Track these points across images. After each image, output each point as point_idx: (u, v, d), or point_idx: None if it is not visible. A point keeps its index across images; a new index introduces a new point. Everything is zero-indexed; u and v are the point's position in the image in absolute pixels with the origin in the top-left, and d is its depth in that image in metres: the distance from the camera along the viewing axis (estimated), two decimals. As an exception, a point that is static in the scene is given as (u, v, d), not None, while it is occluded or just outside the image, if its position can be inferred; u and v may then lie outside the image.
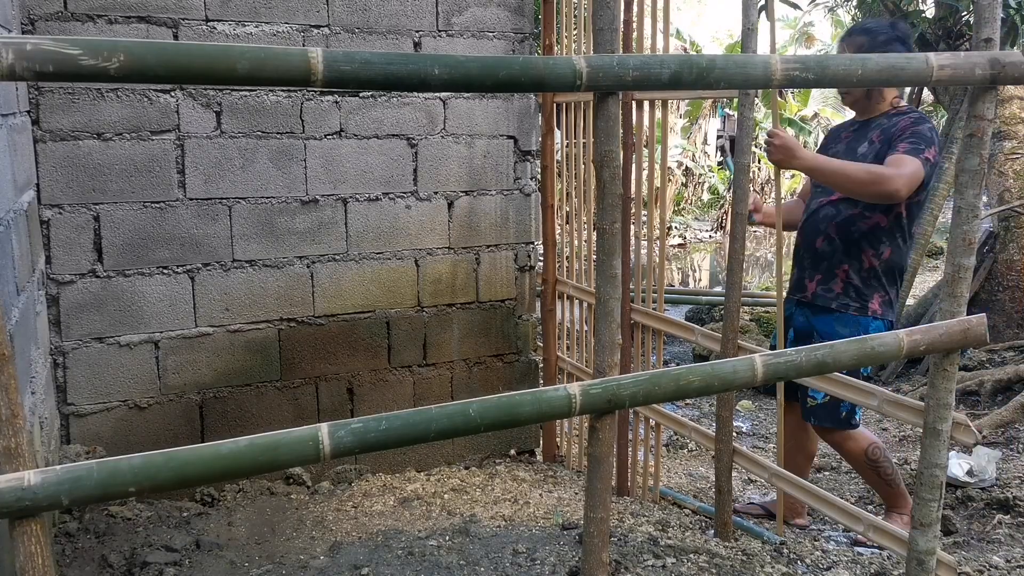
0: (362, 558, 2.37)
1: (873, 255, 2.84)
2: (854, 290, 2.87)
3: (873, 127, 2.89)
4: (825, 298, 2.91)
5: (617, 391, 1.52)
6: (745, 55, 2.35)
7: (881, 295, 2.87)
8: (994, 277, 5.59)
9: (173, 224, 2.96)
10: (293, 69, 1.23)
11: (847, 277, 2.87)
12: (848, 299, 2.87)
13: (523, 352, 3.66)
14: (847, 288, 2.87)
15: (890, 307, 2.89)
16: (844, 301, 2.88)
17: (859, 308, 2.86)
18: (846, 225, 2.85)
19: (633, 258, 3.33)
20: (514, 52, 3.47)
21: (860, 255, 2.84)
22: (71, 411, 2.88)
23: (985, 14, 1.71)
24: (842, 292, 2.88)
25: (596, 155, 1.53)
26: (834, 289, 2.89)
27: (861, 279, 2.85)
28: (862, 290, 2.86)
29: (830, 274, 2.90)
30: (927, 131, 2.76)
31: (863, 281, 2.85)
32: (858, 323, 2.84)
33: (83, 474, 1.18)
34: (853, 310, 2.86)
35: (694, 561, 2.37)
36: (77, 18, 2.74)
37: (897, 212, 2.80)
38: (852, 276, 2.86)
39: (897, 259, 2.86)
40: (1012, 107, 5.72)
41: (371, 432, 1.34)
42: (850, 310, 2.87)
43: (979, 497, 3.27)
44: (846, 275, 2.87)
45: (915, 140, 2.73)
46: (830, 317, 2.89)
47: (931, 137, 2.75)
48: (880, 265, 2.84)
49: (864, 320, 2.85)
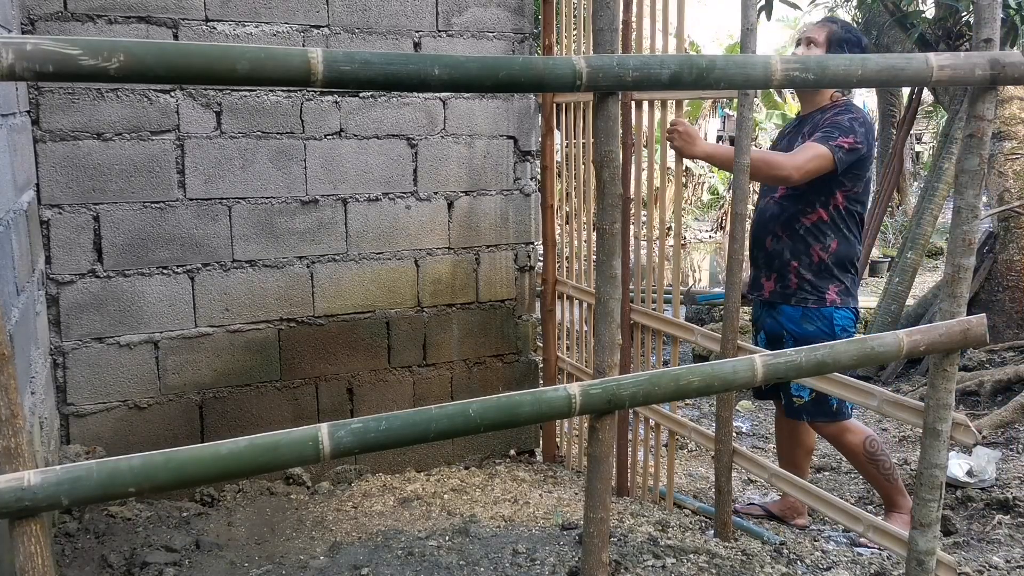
0: (362, 558, 2.37)
1: (820, 249, 2.90)
2: (808, 284, 2.92)
3: (808, 123, 2.98)
4: (783, 295, 2.97)
5: (617, 391, 1.52)
6: (745, 55, 2.35)
7: (836, 285, 2.92)
8: (994, 277, 5.58)
9: (173, 224, 2.96)
10: (293, 69, 1.23)
11: (798, 273, 2.93)
12: (804, 293, 2.93)
13: (523, 352, 3.66)
14: (801, 283, 2.93)
15: (848, 295, 2.95)
16: (801, 296, 2.94)
17: (817, 300, 2.91)
18: (790, 222, 2.93)
19: (633, 258, 3.33)
20: (514, 52, 3.47)
21: (808, 250, 2.91)
22: (71, 411, 2.88)
23: (985, 14, 1.71)
24: (797, 287, 2.94)
25: (596, 155, 1.53)
26: (789, 286, 2.95)
27: (813, 273, 2.91)
28: (815, 283, 2.92)
29: (783, 272, 2.96)
30: (847, 121, 2.83)
31: (815, 275, 2.91)
32: (821, 315, 2.91)
33: (83, 474, 1.18)
34: (812, 303, 2.92)
35: (694, 561, 2.37)
36: (77, 18, 2.74)
37: (835, 205, 2.87)
38: (803, 271, 2.92)
39: (846, 250, 2.91)
40: (1012, 107, 5.72)
41: (371, 432, 1.34)
42: (808, 303, 2.92)
43: (979, 497, 3.27)
44: (797, 271, 2.93)
45: (829, 130, 2.82)
46: (793, 313, 2.95)
47: (849, 126, 2.81)
48: (829, 258, 2.90)
49: (826, 311, 2.91)
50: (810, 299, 2.92)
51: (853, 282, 2.98)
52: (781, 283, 2.97)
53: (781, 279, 2.97)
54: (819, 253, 2.90)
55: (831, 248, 2.90)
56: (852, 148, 2.79)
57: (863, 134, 2.83)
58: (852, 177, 2.86)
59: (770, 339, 3.02)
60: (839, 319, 2.92)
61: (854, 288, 2.99)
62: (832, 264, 2.91)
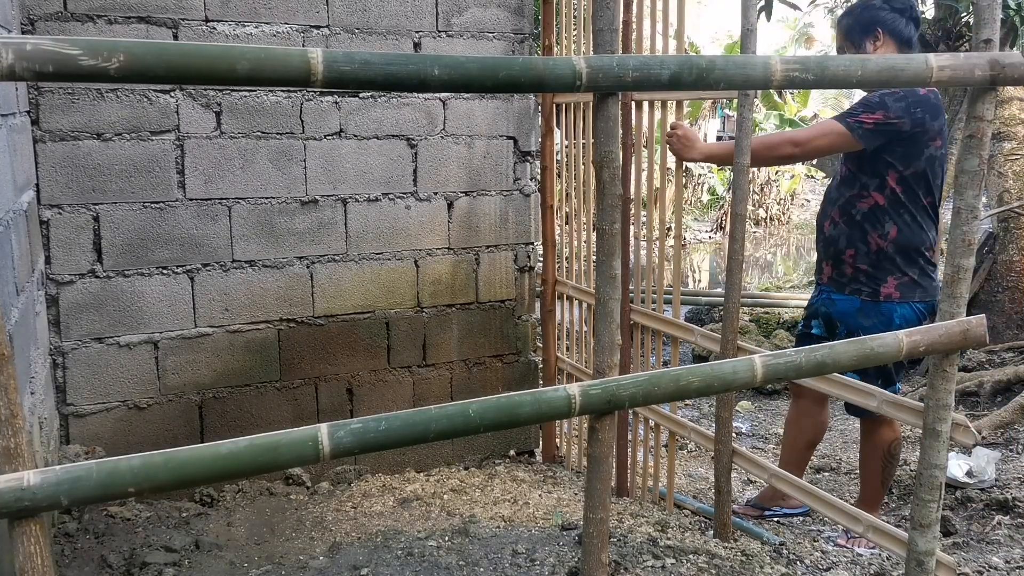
0: (361, 559, 2.37)
1: (879, 236, 2.74)
2: (864, 275, 2.78)
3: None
4: (839, 283, 2.85)
5: (616, 392, 1.52)
6: (745, 55, 2.35)
7: (897, 277, 2.74)
8: (993, 278, 5.59)
9: (173, 224, 2.96)
10: (293, 69, 1.23)
11: (854, 261, 2.79)
12: (859, 284, 2.79)
13: (523, 353, 3.66)
14: (856, 273, 2.79)
15: (915, 287, 2.74)
16: (856, 286, 2.80)
17: (871, 292, 2.76)
18: (847, 207, 2.81)
19: (632, 259, 3.34)
20: (514, 53, 3.47)
21: (865, 237, 2.76)
22: (70, 411, 2.88)
23: (984, 15, 1.71)
24: (852, 277, 2.81)
25: (596, 156, 1.53)
26: (846, 273, 2.83)
27: (870, 262, 2.76)
28: (872, 274, 2.77)
29: (839, 259, 2.84)
30: (877, 97, 2.67)
31: (873, 264, 2.76)
32: (879, 311, 2.75)
33: (82, 474, 1.18)
34: (866, 295, 2.77)
35: (693, 562, 2.37)
36: (77, 18, 2.74)
37: (891, 188, 2.70)
38: (859, 260, 2.78)
39: (908, 237, 2.72)
40: (1011, 108, 5.72)
41: (370, 433, 1.34)
42: (863, 294, 2.79)
43: (978, 498, 3.27)
44: (853, 259, 2.79)
45: (856, 107, 2.72)
46: (849, 305, 2.82)
47: (880, 101, 2.64)
48: (889, 246, 2.73)
49: (885, 307, 2.74)
50: (864, 290, 2.77)
51: (922, 273, 2.75)
52: (837, 270, 2.85)
53: (837, 266, 2.85)
54: (877, 241, 2.73)
55: (890, 235, 2.72)
56: (880, 124, 2.63)
57: (901, 108, 2.63)
58: (902, 157, 2.67)
59: (827, 326, 2.90)
60: (899, 317, 2.72)
61: (924, 280, 2.76)
62: (894, 253, 2.72)
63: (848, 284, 2.83)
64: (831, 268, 2.89)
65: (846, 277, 2.84)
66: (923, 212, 2.74)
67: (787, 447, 3.22)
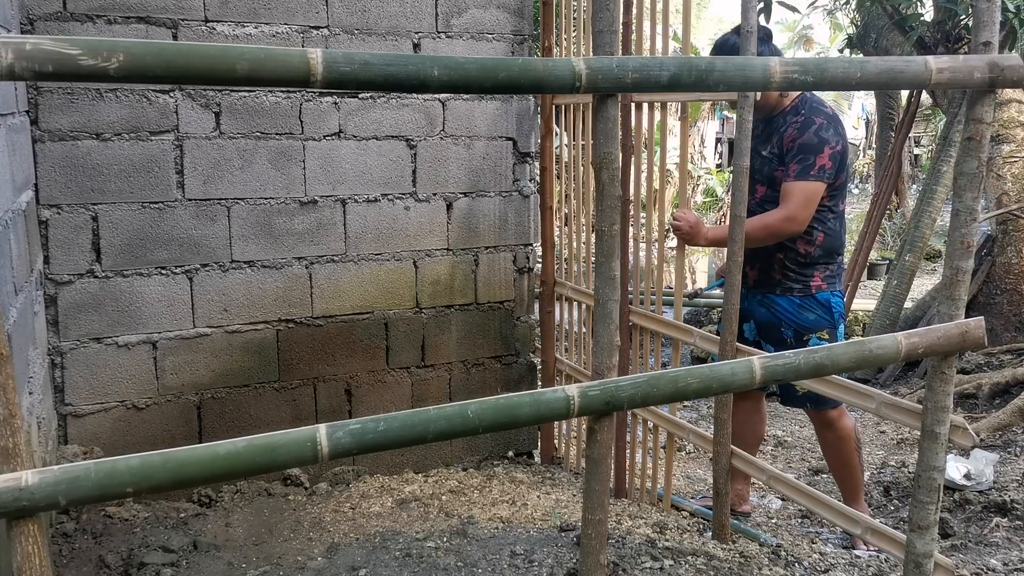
0: (359, 559, 2.37)
1: (806, 244, 2.91)
2: (792, 273, 2.94)
3: (774, 128, 2.96)
4: (768, 284, 2.99)
5: (615, 393, 1.52)
6: (744, 57, 2.36)
7: (820, 271, 2.94)
8: (992, 280, 5.60)
9: (171, 225, 2.96)
10: (293, 70, 1.23)
11: (782, 267, 2.95)
12: (789, 283, 2.95)
13: (521, 354, 3.66)
14: (785, 274, 2.95)
15: (834, 279, 2.97)
16: (786, 285, 2.95)
17: (802, 289, 2.94)
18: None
19: (632, 260, 3.34)
20: (513, 54, 3.47)
21: (794, 244, 2.92)
22: (69, 411, 2.88)
23: (984, 18, 1.71)
24: (782, 278, 2.96)
25: (595, 157, 1.53)
26: (774, 277, 2.98)
27: (798, 265, 2.93)
28: (800, 273, 2.94)
29: (767, 264, 2.98)
30: (813, 137, 2.81)
31: (800, 267, 2.93)
32: (817, 302, 2.93)
33: (80, 474, 1.18)
34: (797, 292, 2.94)
35: (692, 563, 2.37)
36: (76, 18, 2.74)
37: (820, 202, 2.85)
38: (788, 264, 2.94)
39: (832, 241, 2.93)
40: (1010, 110, 5.73)
41: (369, 433, 1.34)
42: (794, 292, 2.94)
43: (977, 500, 3.27)
44: (782, 263, 2.95)
45: (802, 157, 2.82)
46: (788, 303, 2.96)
47: (818, 142, 2.80)
48: (816, 251, 2.92)
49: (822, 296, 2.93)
50: (795, 288, 2.94)
51: (838, 267, 2.99)
52: (765, 275, 2.99)
53: (765, 270, 2.99)
54: (806, 247, 2.91)
55: (818, 241, 2.91)
56: (833, 157, 2.80)
57: (832, 134, 2.83)
58: (835, 172, 2.85)
59: (761, 328, 3.03)
60: (836, 304, 2.94)
61: (839, 272, 3.00)
62: (819, 256, 2.92)
63: (778, 285, 2.98)
64: (757, 272, 3.02)
65: (774, 280, 2.98)
66: (841, 217, 2.97)
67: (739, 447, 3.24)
